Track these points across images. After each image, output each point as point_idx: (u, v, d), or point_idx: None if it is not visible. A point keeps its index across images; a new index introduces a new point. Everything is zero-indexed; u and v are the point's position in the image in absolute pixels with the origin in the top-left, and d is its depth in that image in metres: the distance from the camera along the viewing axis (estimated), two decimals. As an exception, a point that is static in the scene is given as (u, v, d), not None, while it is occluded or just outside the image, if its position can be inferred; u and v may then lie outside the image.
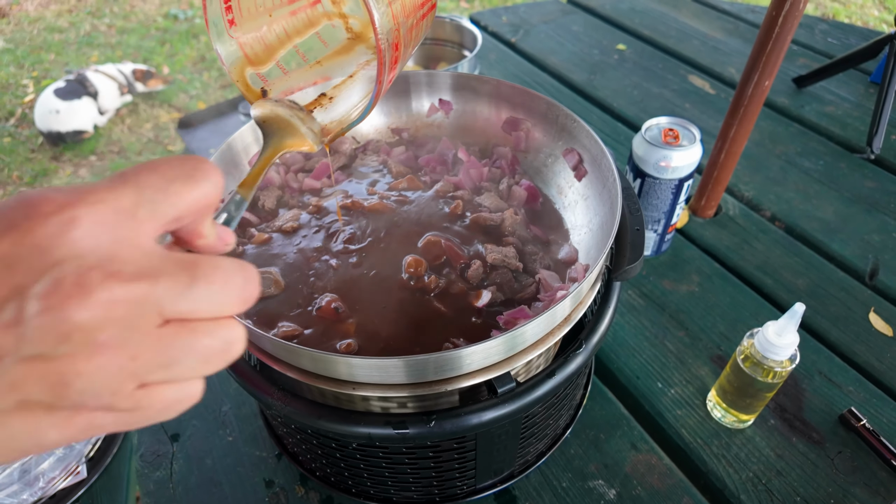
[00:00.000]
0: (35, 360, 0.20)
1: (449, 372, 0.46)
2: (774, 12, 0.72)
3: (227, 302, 0.24)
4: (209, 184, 0.25)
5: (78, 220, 0.21)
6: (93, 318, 0.21)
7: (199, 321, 0.24)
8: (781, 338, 0.60)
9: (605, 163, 0.58)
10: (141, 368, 0.22)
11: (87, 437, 0.23)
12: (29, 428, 0.21)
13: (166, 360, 0.23)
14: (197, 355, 0.24)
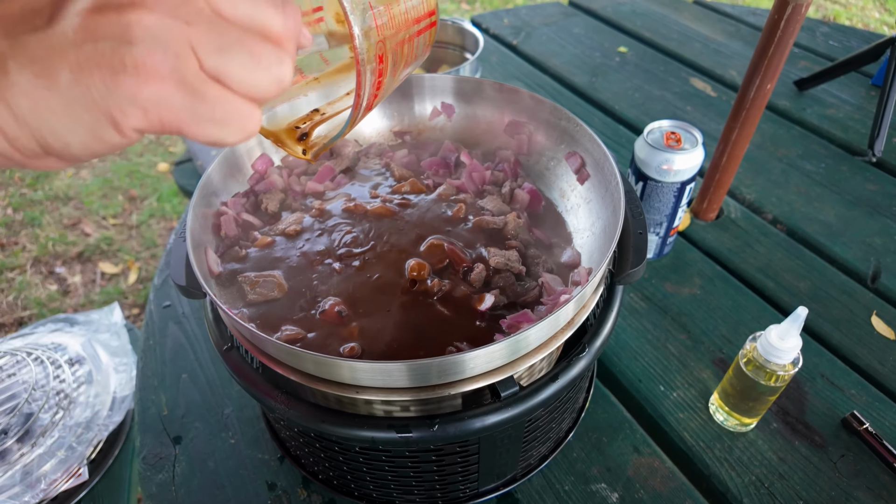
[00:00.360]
0: (99, 4, 0.22)
1: (452, 376, 0.47)
2: (776, 16, 0.72)
3: (267, 16, 0.25)
4: None
5: None
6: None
7: (250, 29, 0.24)
8: (784, 342, 0.60)
9: (608, 166, 0.58)
10: (198, 40, 0.23)
11: (162, 115, 0.23)
12: (104, 73, 0.22)
13: (221, 44, 0.23)
14: (249, 53, 0.24)
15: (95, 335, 1.08)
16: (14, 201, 2.27)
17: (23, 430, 0.91)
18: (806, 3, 0.70)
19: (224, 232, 0.60)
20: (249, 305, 0.55)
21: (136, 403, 0.77)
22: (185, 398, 0.76)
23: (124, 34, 0.22)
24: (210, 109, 0.24)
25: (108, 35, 0.22)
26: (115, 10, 0.22)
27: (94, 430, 0.95)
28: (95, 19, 0.22)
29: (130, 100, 0.22)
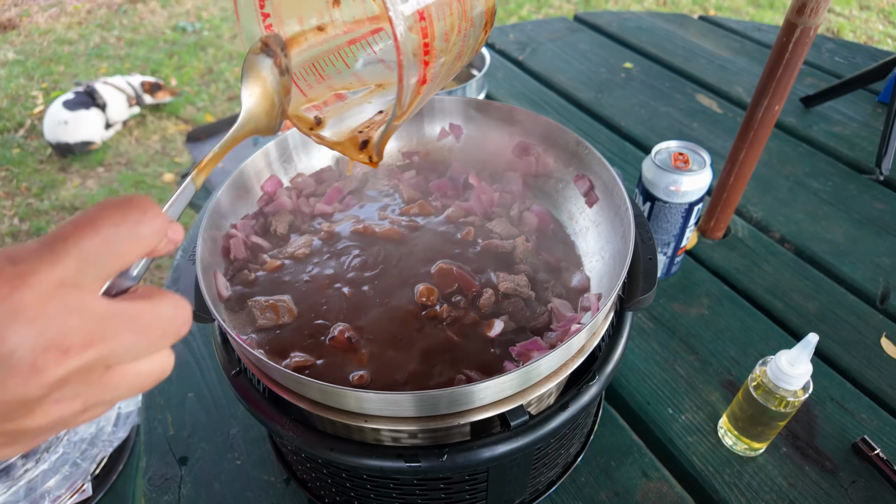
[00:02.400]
0: None
1: (461, 406, 0.46)
2: (785, 39, 0.72)
3: (164, 344, 0.28)
4: (154, 236, 0.27)
5: (23, 307, 0.22)
6: (49, 389, 0.23)
7: (139, 361, 0.27)
8: (794, 367, 0.60)
9: (617, 190, 0.58)
10: (88, 404, 0.26)
11: None
12: None
13: (110, 397, 0.27)
14: (135, 385, 0.27)
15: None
16: (21, 211, 2.28)
17: (27, 446, 0.91)
18: (814, 25, 0.70)
19: (233, 255, 0.60)
20: (259, 331, 0.55)
21: (143, 423, 0.77)
22: (191, 418, 0.76)
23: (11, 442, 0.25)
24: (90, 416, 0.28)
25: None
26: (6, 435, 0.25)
27: (99, 446, 0.95)
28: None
29: None
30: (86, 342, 0.24)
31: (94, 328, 0.25)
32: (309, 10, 0.50)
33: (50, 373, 0.23)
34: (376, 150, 0.48)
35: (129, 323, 0.26)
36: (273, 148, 0.67)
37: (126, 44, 3.36)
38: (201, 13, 3.66)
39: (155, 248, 0.28)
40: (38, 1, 3.78)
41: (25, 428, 0.24)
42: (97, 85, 2.55)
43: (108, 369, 0.26)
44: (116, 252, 0.26)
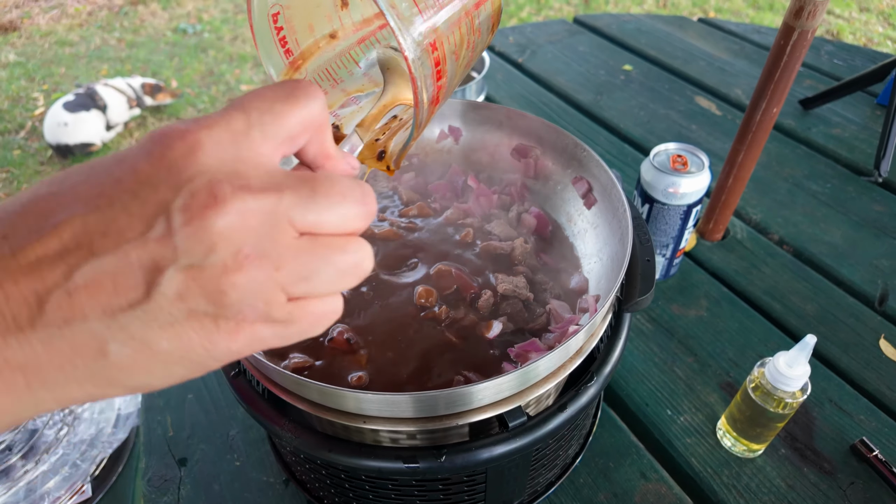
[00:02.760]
0: (192, 270, 0.21)
1: (460, 407, 0.46)
2: (782, 41, 0.72)
3: (350, 215, 0.25)
4: (312, 101, 0.26)
5: (201, 143, 0.23)
6: (231, 226, 0.21)
7: (329, 236, 0.24)
8: (792, 369, 0.60)
9: (615, 192, 0.59)
10: (286, 279, 0.23)
11: (256, 350, 0.24)
12: (202, 338, 0.22)
13: (307, 272, 0.23)
14: (333, 268, 0.24)
15: (101, 352, 1.08)
16: (21, 213, 2.29)
17: (27, 446, 0.91)
18: (812, 28, 0.70)
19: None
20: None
21: (142, 424, 0.77)
22: (191, 419, 0.76)
23: (218, 300, 0.22)
24: (297, 329, 0.25)
25: (203, 303, 0.22)
26: (208, 276, 0.22)
27: (98, 447, 0.95)
28: (190, 286, 0.22)
29: (225, 354, 0.23)
30: (260, 186, 0.23)
31: (266, 176, 0.23)
32: (319, 16, 0.50)
33: (228, 204, 0.21)
34: (394, 162, 0.48)
35: (305, 184, 0.24)
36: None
37: (127, 45, 3.37)
38: (202, 15, 3.66)
39: (317, 120, 0.26)
40: (39, 3, 3.78)
41: (221, 283, 0.22)
42: (98, 87, 2.56)
43: (296, 233, 0.23)
44: (276, 109, 0.25)
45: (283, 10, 0.47)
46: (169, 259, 0.21)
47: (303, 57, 0.49)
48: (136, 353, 0.22)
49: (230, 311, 0.22)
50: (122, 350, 0.22)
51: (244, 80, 3.04)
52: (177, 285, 0.21)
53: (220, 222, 0.21)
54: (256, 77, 3.06)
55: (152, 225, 0.21)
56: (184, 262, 0.21)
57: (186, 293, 0.21)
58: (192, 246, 0.21)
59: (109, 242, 0.21)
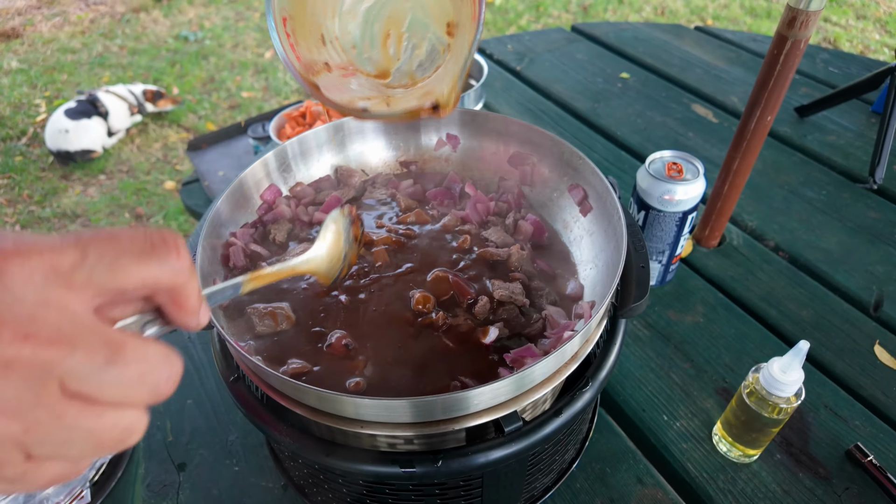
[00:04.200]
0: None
1: (456, 412, 0.47)
2: (776, 51, 0.73)
3: (137, 393, 0.24)
4: (163, 267, 0.25)
5: (9, 273, 0.21)
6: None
7: (102, 404, 0.23)
8: (786, 375, 0.60)
9: (610, 200, 0.59)
10: (32, 441, 0.22)
11: None
12: None
13: (60, 439, 0.22)
14: (92, 439, 0.23)
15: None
16: (22, 218, 2.30)
17: (27, 453, 0.92)
18: (805, 38, 0.71)
19: (232, 262, 0.61)
20: (257, 337, 0.56)
21: (141, 429, 0.77)
22: (190, 424, 0.77)
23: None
24: (23, 488, 0.23)
25: None
26: None
27: (98, 453, 0.95)
28: None
29: None
30: (50, 338, 0.21)
31: (67, 327, 0.22)
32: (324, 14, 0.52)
33: (1, 352, 0.20)
34: (452, 100, 0.51)
35: (106, 347, 0.22)
36: (272, 158, 0.68)
37: (129, 52, 3.39)
38: (203, 22, 3.69)
39: (161, 285, 0.25)
40: (42, 10, 3.81)
41: None
42: (99, 93, 2.57)
43: (65, 394, 0.22)
44: (119, 262, 0.24)
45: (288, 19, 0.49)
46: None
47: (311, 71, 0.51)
48: None
49: None
50: None
51: (245, 87, 3.05)
52: None
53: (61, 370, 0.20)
54: (257, 84, 3.08)
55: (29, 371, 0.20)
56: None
57: None
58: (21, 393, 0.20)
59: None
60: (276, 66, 3.22)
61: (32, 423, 0.21)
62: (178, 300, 0.27)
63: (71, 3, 3.89)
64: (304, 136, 0.68)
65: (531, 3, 3.86)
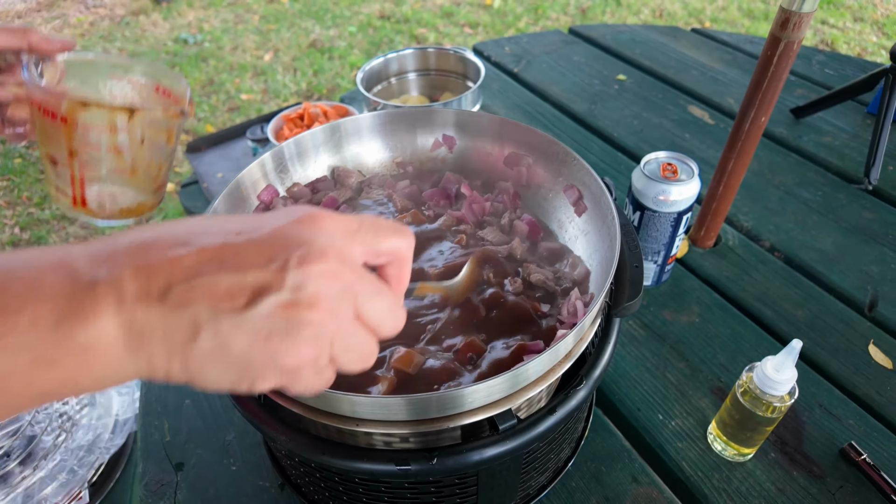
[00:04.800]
0: (286, 302, 0.29)
1: (451, 409, 0.47)
2: (769, 52, 0.74)
3: (387, 323, 0.33)
4: (404, 241, 0.35)
5: (324, 225, 0.31)
6: (323, 274, 0.30)
7: (367, 327, 0.32)
8: (780, 373, 0.61)
9: (604, 200, 0.60)
10: (336, 340, 0.31)
11: (285, 382, 0.31)
12: (266, 353, 0.29)
13: (347, 346, 0.31)
14: (359, 352, 0.32)
15: (99, 358, 1.08)
16: (21, 220, 2.30)
17: (25, 452, 0.92)
18: (798, 39, 0.71)
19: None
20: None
21: (140, 429, 0.78)
22: (188, 424, 0.77)
23: (294, 327, 0.29)
24: (318, 384, 0.32)
25: (282, 325, 0.29)
26: (298, 308, 0.29)
27: (96, 453, 0.95)
28: (279, 312, 0.29)
29: (276, 372, 0.30)
30: (353, 267, 0.31)
31: (355, 265, 0.32)
32: None
33: (326, 261, 0.30)
34: None
35: (376, 283, 0.33)
36: (269, 159, 0.68)
37: (128, 55, 3.39)
38: (203, 25, 3.70)
39: (402, 256, 0.35)
40: (41, 13, 3.82)
41: (300, 316, 0.29)
42: (98, 96, 2.57)
43: (354, 314, 0.31)
44: (380, 232, 0.34)
45: None
46: (274, 288, 0.29)
47: None
48: (215, 346, 0.29)
49: (295, 340, 0.29)
50: (208, 340, 0.29)
51: (244, 90, 3.06)
52: (270, 308, 0.29)
53: (316, 269, 0.29)
54: (256, 86, 3.08)
55: (274, 261, 0.29)
56: (284, 295, 0.29)
57: (274, 315, 0.29)
58: (294, 282, 0.29)
59: (236, 263, 0.29)
60: (275, 68, 3.23)
61: (339, 323, 0.30)
62: (402, 270, 0.36)
63: (70, 5, 3.90)
64: (300, 138, 0.69)
65: (530, 6, 3.88)
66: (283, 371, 0.30)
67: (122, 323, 0.28)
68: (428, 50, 1.26)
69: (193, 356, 0.29)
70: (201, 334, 0.28)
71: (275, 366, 0.29)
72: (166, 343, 0.29)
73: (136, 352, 0.28)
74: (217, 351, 0.29)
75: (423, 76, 1.29)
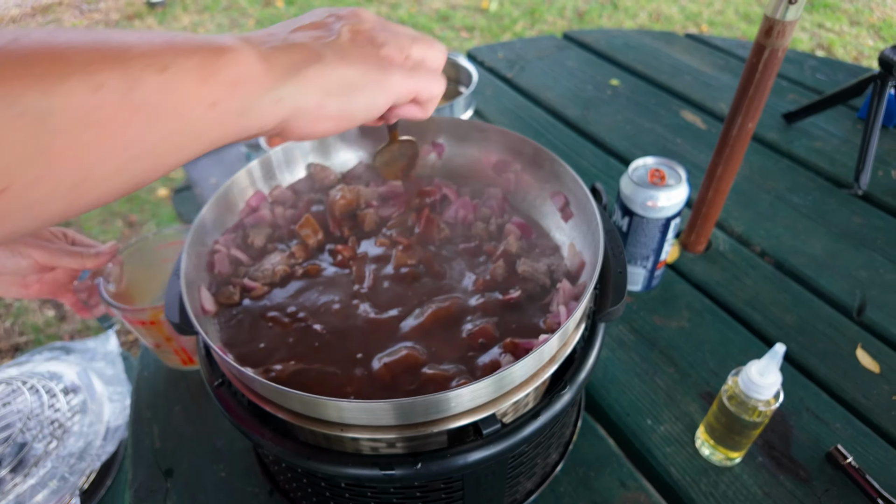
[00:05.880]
0: (354, 27, 0.43)
1: (436, 414, 0.48)
2: (755, 59, 0.75)
3: (437, 58, 0.47)
4: (436, 52, 0.48)
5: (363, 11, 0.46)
6: (374, 19, 0.45)
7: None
8: (764, 377, 0.61)
9: (590, 208, 0.60)
10: (406, 42, 0.44)
11: (403, 84, 0.44)
12: (370, 66, 0.42)
13: (414, 43, 0.45)
14: (432, 47, 0.47)
15: (91, 364, 1.09)
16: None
17: (16, 459, 0.92)
18: (782, 47, 0.72)
19: (217, 269, 0.62)
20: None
21: (130, 435, 0.78)
22: (178, 430, 0.77)
23: (374, 41, 0.42)
24: (422, 76, 0.45)
25: (366, 43, 0.42)
26: (363, 31, 0.43)
27: (87, 460, 0.95)
28: (356, 35, 0.42)
29: (384, 83, 0.42)
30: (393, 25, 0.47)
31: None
32: None
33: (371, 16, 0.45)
34: None
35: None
36: (257, 166, 0.69)
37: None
38: (198, 29, 3.70)
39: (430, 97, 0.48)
40: (36, 18, 3.82)
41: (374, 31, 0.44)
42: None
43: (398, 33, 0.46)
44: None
45: None
46: (343, 23, 0.43)
47: None
48: (340, 61, 0.40)
49: (383, 50, 0.42)
50: (332, 58, 0.39)
51: (240, 95, 3.06)
52: (350, 34, 0.42)
53: (367, 16, 0.45)
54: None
55: (341, 18, 0.44)
56: (349, 24, 0.42)
57: (355, 37, 0.42)
58: (352, 19, 0.43)
59: (322, 24, 0.43)
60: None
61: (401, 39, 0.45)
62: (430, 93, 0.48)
63: (65, 10, 3.91)
64: (288, 146, 0.69)
65: (526, 9, 3.89)
66: (389, 80, 0.42)
67: (260, 56, 0.36)
68: (420, 56, 1.26)
69: (328, 74, 0.39)
70: (322, 54, 0.39)
71: (381, 80, 0.42)
72: (296, 70, 0.38)
73: (278, 80, 0.37)
74: (343, 66, 0.40)
75: (415, 82, 1.29)
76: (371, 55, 0.41)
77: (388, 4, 3.98)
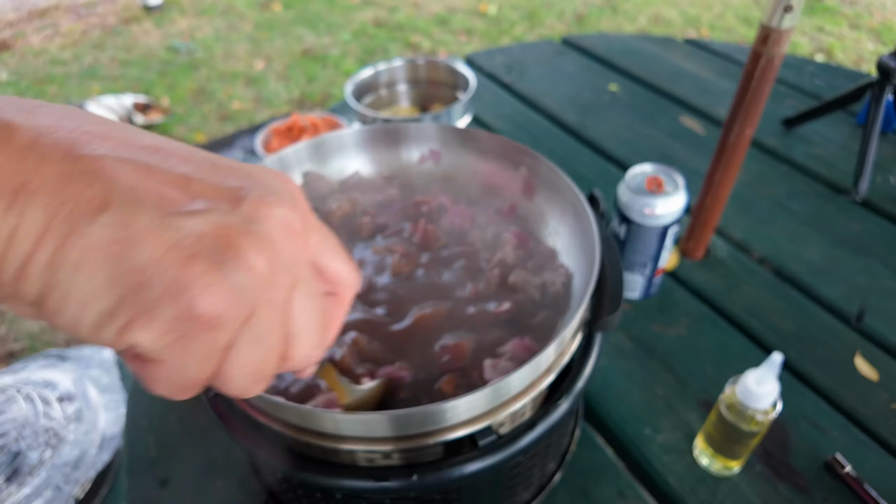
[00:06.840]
0: (227, 224, 0.23)
1: (432, 425, 0.47)
2: (752, 67, 0.75)
3: (313, 337, 0.28)
4: (351, 276, 0.31)
5: (294, 188, 0.28)
6: (281, 222, 0.25)
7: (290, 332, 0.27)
8: (761, 386, 0.61)
9: (585, 216, 0.60)
10: (261, 312, 0.24)
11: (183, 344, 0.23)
12: (187, 273, 0.22)
13: (259, 334, 0.25)
14: (263, 355, 0.26)
15: (86, 371, 1.08)
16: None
17: (10, 469, 0.91)
18: (779, 55, 0.72)
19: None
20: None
21: (125, 444, 0.77)
22: (174, 439, 0.77)
23: (228, 262, 0.24)
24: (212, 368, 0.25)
25: (214, 251, 0.24)
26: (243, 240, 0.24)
27: (83, 469, 0.95)
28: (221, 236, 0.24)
29: (173, 313, 0.23)
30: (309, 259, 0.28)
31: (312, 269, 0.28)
32: None
33: (282, 206, 0.25)
34: None
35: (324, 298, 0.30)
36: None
37: (119, 64, 3.39)
38: (195, 33, 3.70)
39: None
40: (32, 22, 3.82)
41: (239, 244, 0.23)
42: (89, 104, 2.58)
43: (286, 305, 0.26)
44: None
45: None
46: (223, 205, 0.24)
47: None
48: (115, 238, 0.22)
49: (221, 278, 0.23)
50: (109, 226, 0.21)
51: (235, 97, 3.06)
52: (208, 224, 0.23)
53: (279, 213, 0.25)
54: (248, 95, 3.09)
55: (231, 181, 0.25)
56: (233, 218, 0.24)
57: (210, 235, 0.23)
58: (247, 213, 0.24)
59: (185, 163, 0.25)
60: (266, 76, 3.24)
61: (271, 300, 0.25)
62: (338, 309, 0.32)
63: (62, 14, 3.91)
64: (283, 154, 0.69)
65: (525, 13, 3.90)
66: (183, 318, 0.22)
67: (4, 161, 0.20)
68: (418, 62, 1.26)
69: (78, 243, 0.21)
70: (105, 213, 0.21)
71: (177, 302, 0.22)
72: (53, 207, 0.21)
73: (5, 208, 0.21)
74: (114, 246, 0.21)
75: (413, 87, 1.29)
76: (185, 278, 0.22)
77: (387, 8, 3.98)
